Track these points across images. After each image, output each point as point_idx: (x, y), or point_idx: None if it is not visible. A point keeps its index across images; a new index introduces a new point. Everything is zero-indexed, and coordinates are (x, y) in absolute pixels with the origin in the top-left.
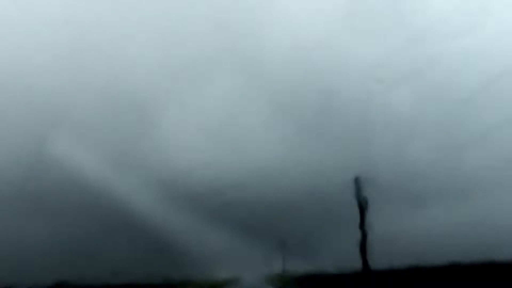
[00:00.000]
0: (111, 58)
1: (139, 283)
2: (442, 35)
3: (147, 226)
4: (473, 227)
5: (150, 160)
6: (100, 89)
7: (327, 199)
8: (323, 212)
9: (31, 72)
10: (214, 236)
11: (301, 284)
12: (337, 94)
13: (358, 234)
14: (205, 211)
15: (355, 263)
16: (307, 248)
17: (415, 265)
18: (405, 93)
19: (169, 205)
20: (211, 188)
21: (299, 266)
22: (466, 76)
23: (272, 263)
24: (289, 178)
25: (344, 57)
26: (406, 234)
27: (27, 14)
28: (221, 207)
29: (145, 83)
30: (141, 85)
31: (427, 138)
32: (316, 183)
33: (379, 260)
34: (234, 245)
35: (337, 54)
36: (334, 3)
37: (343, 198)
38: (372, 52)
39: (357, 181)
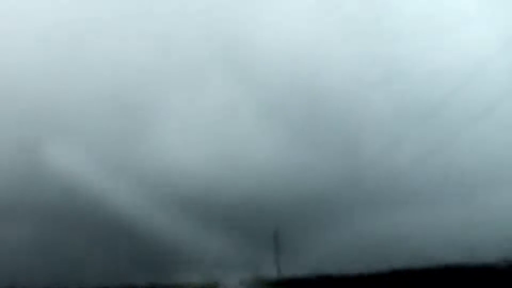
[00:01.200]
0: (105, 63)
1: (116, 286)
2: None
3: (132, 229)
4: (458, 229)
5: (143, 164)
6: (94, 93)
7: (315, 201)
8: (311, 214)
9: (24, 75)
10: (203, 239)
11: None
12: (327, 98)
13: (344, 237)
14: (196, 214)
15: (339, 266)
16: (293, 251)
17: (398, 268)
18: (393, 95)
19: (158, 208)
20: (203, 190)
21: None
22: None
23: (257, 265)
24: (279, 180)
25: (336, 61)
26: (393, 235)
27: (22, 17)
28: (213, 210)
29: (138, 87)
30: (134, 90)
31: (414, 139)
32: (304, 185)
33: (364, 263)
34: (221, 248)
35: (328, 58)
36: (325, 8)
37: (331, 200)
38: (363, 55)
39: None
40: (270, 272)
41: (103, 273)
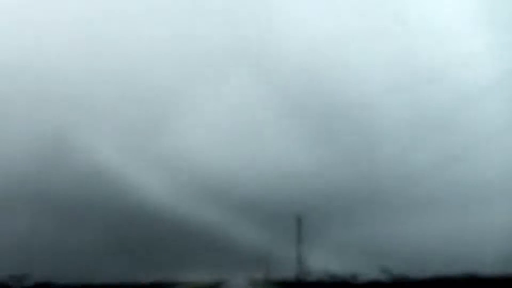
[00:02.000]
0: (133, 54)
1: (126, 283)
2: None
3: (152, 221)
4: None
5: (167, 154)
6: (121, 84)
7: (330, 202)
8: (326, 214)
9: (53, 64)
10: (219, 235)
11: None
12: (346, 101)
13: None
14: (213, 208)
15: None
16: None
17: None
18: (411, 99)
19: (177, 200)
20: (222, 184)
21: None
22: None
23: (269, 265)
24: (296, 179)
25: (356, 65)
26: (403, 240)
27: (51, 9)
28: (229, 205)
29: (165, 79)
30: (161, 81)
31: (429, 145)
32: (320, 185)
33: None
34: (234, 245)
35: (349, 63)
36: (347, 5)
37: (346, 202)
38: (384, 61)
39: None
40: (281, 271)
41: (110, 269)
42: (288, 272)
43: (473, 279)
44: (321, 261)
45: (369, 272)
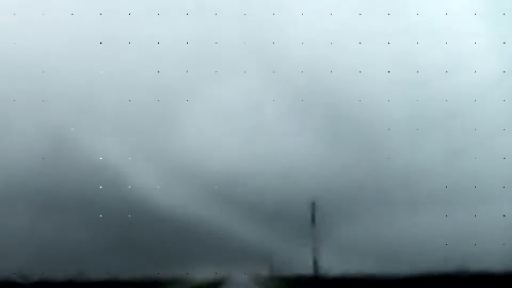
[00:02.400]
0: (134, 54)
1: (125, 280)
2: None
3: (155, 219)
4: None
5: (168, 154)
6: (122, 85)
7: (331, 199)
8: (329, 213)
9: (53, 64)
10: (223, 232)
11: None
12: (346, 97)
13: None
14: (218, 206)
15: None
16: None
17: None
18: (411, 99)
19: (182, 197)
20: (228, 182)
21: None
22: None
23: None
24: (299, 177)
25: (359, 63)
26: (403, 239)
27: (51, 9)
28: (235, 204)
29: (165, 79)
30: (161, 81)
31: (429, 144)
32: (324, 184)
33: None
34: (240, 242)
35: (353, 60)
36: (348, 5)
37: (347, 198)
38: (384, 56)
39: None
40: (285, 269)
41: (111, 268)
42: (290, 270)
43: (475, 276)
44: (322, 260)
45: (370, 271)
